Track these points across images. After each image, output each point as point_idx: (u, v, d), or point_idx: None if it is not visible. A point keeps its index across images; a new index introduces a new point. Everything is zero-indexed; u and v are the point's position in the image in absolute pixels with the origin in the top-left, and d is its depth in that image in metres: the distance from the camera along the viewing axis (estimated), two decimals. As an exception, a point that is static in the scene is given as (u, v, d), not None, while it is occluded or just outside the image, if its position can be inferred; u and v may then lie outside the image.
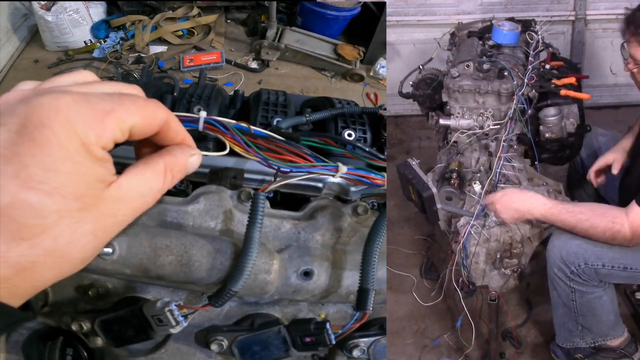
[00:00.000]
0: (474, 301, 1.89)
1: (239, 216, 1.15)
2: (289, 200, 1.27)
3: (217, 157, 1.25)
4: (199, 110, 1.38)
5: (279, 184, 1.09)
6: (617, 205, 1.57)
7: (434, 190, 1.60)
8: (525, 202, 1.60)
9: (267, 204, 1.12)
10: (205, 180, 1.25)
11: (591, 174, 1.89)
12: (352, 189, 1.25)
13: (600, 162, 1.87)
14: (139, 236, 1.03)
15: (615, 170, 1.82)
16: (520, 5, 2.94)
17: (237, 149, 1.11)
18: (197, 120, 1.14)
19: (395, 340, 2.12)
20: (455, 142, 1.90)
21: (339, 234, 1.16)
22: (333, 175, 1.12)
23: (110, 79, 3.84)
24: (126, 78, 3.82)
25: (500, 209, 1.62)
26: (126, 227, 1.03)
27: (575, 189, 2.09)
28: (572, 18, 2.97)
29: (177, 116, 1.20)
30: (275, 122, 1.42)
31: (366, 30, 4.09)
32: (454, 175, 1.82)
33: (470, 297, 1.87)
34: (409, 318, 2.21)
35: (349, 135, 1.44)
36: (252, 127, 1.13)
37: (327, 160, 1.12)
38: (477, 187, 1.76)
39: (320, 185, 1.26)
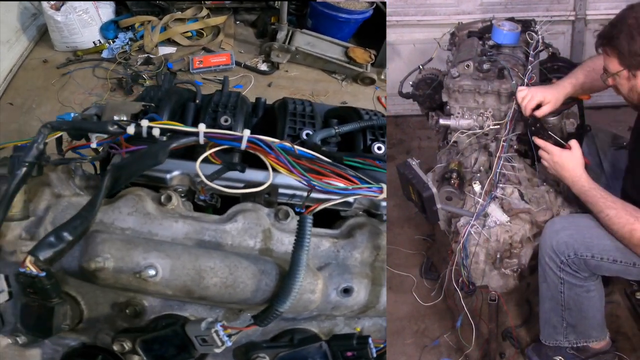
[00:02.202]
0: (474, 301, 1.90)
1: (278, 235, 1.16)
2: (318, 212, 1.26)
3: (248, 172, 1.25)
4: (226, 121, 1.39)
5: (324, 205, 1.09)
6: None
7: (434, 190, 1.61)
8: (571, 173, 1.64)
9: None
10: (235, 194, 1.23)
11: (527, 110, 1.72)
12: (383, 203, 1.25)
13: (535, 100, 1.71)
14: (182, 258, 1.04)
15: (542, 112, 1.71)
16: (520, 5, 2.94)
17: (280, 170, 1.12)
18: (240, 139, 1.14)
19: (395, 340, 2.12)
20: (455, 142, 1.90)
21: (377, 251, 1.17)
22: (376, 197, 1.13)
23: (120, 80, 3.84)
24: (135, 79, 3.82)
25: (550, 164, 1.67)
26: (167, 249, 1.07)
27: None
28: (572, 18, 2.97)
29: (221, 134, 1.19)
30: (304, 135, 1.41)
31: (377, 33, 4.07)
32: (454, 175, 1.82)
33: (470, 297, 1.87)
34: (409, 318, 2.21)
35: (379, 148, 1.43)
36: (296, 147, 1.12)
37: (371, 181, 1.13)
38: (477, 187, 1.76)
39: (351, 200, 1.25)
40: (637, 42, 1.48)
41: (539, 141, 1.69)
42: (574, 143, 1.66)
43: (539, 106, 1.72)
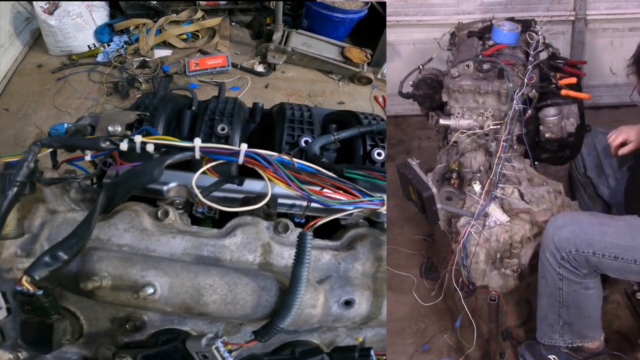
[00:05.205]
0: (474, 301, 1.89)
1: (278, 249, 1.15)
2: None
3: (245, 182, 1.24)
4: (223, 130, 1.38)
5: (324, 220, 1.09)
6: (622, 208, 1.57)
7: (434, 190, 1.60)
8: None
9: None
10: (236, 205, 1.22)
11: (613, 147, 1.89)
12: (384, 211, 1.25)
13: (620, 137, 1.87)
14: (180, 276, 1.04)
15: (625, 150, 1.86)
16: (520, 5, 2.94)
17: (278, 184, 1.10)
18: (237, 153, 1.13)
19: (395, 340, 2.12)
20: (455, 142, 1.90)
21: (379, 262, 1.17)
22: (378, 209, 1.12)
23: (116, 83, 3.82)
24: (131, 83, 3.80)
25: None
26: (166, 266, 1.08)
27: (576, 189, 2.08)
28: (572, 18, 2.96)
29: (218, 149, 1.17)
30: (303, 142, 1.40)
31: (373, 32, 4.07)
32: (454, 175, 1.82)
33: (470, 297, 1.86)
34: (409, 318, 2.21)
35: (379, 154, 1.42)
36: (295, 160, 1.11)
37: (372, 194, 1.12)
38: (477, 187, 1.76)
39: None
40: None
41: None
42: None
43: (624, 143, 1.86)
